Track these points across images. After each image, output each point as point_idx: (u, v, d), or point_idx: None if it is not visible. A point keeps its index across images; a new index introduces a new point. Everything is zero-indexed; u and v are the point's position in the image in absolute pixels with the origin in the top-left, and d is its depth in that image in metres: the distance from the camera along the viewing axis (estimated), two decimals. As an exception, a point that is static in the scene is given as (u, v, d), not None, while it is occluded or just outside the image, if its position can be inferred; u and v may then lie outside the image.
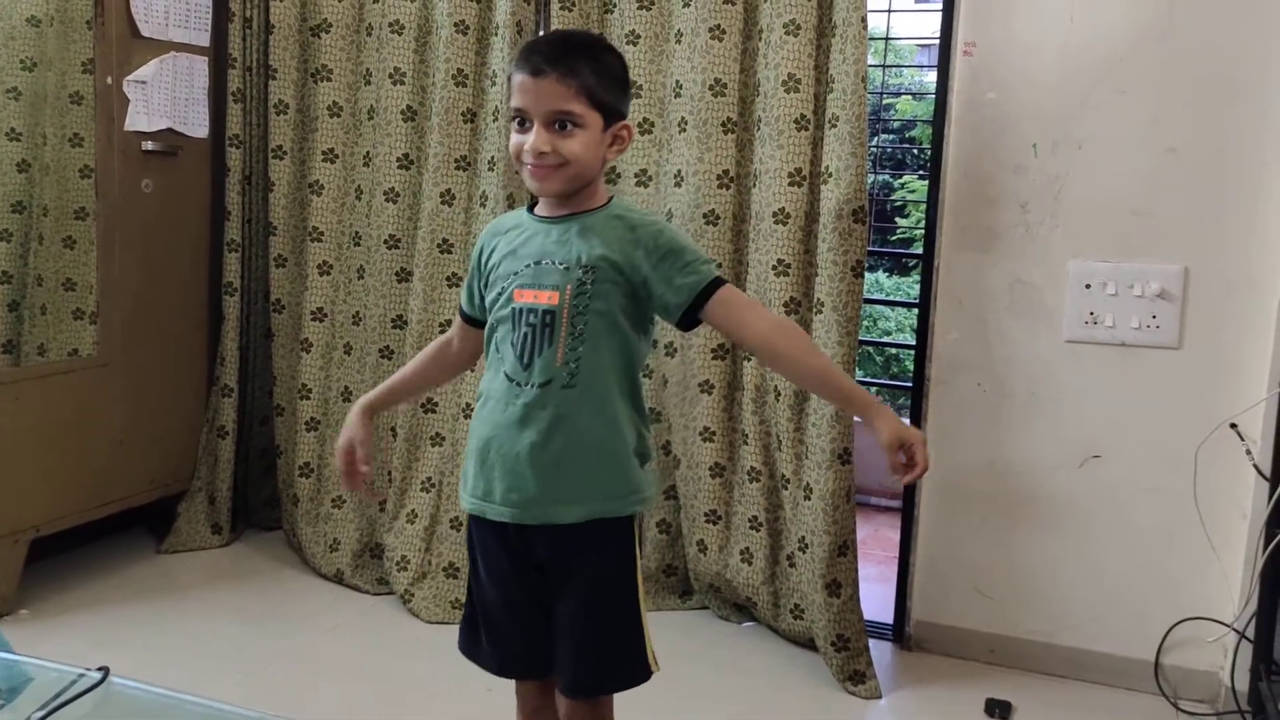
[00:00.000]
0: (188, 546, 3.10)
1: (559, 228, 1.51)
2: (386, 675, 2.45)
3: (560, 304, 1.46)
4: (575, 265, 1.47)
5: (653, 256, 1.48)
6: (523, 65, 1.46)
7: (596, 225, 1.50)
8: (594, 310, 1.47)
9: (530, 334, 1.48)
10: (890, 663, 2.60)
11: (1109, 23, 2.35)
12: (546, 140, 1.44)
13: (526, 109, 1.45)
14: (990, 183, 2.47)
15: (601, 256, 1.47)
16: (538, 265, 1.49)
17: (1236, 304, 2.32)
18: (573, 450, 1.48)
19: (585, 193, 1.52)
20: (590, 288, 1.46)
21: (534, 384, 1.48)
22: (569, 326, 1.46)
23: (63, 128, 2.86)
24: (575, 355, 1.46)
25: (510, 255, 1.53)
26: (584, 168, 1.47)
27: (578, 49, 1.49)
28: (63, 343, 2.90)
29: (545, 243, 1.50)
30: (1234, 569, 2.35)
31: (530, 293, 1.48)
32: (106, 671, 0.96)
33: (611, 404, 1.50)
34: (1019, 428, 2.51)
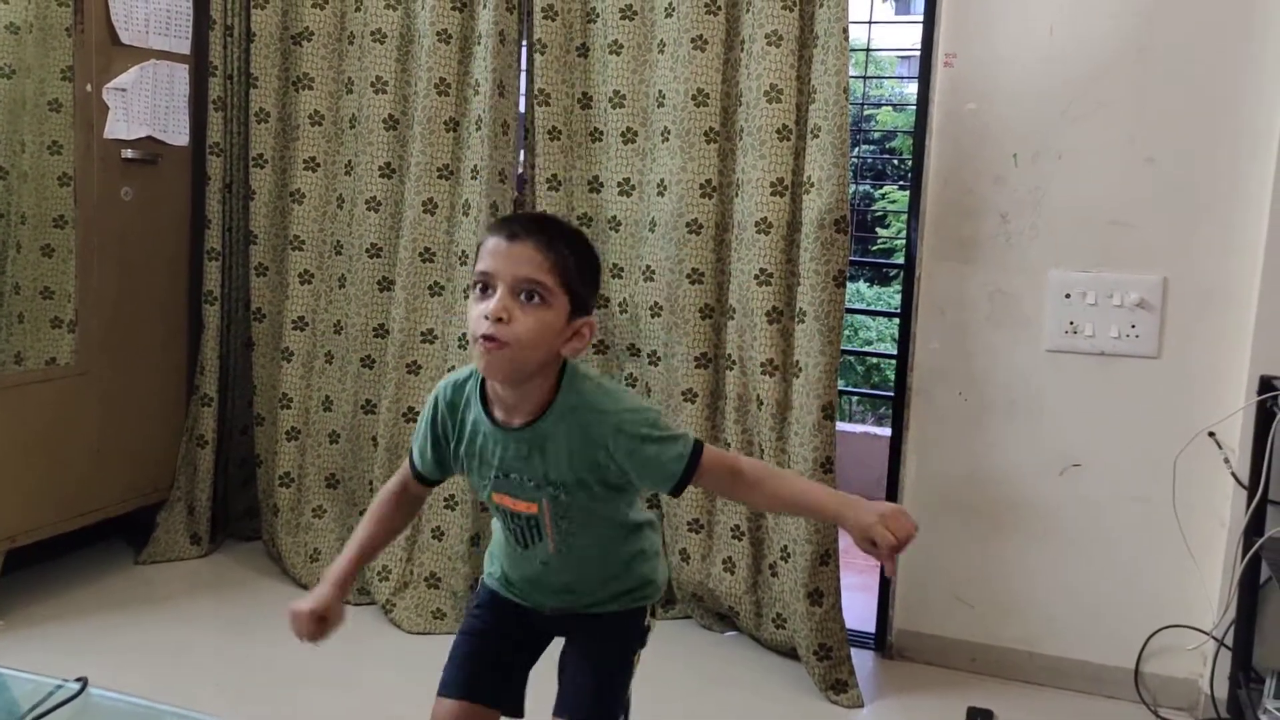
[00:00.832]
0: (166, 557, 3.07)
1: (515, 442, 1.43)
2: (367, 685, 2.44)
3: (540, 513, 1.46)
4: (544, 483, 1.43)
5: (620, 453, 1.41)
6: (498, 230, 1.39)
7: (552, 435, 1.42)
8: (575, 510, 1.46)
9: (521, 530, 1.50)
10: (872, 671, 2.61)
11: (1089, 36, 2.37)
12: (507, 308, 1.33)
13: (494, 272, 1.35)
14: (971, 193, 2.49)
15: (568, 473, 1.42)
16: (507, 478, 1.46)
17: (1214, 314, 2.34)
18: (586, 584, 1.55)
19: (534, 390, 1.42)
20: (565, 498, 1.44)
21: (536, 559, 1.52)
22: (555, 527, 1.47)
23: (41, 135, 2.84)
24: (568, 542, 1.49)
25: (475, 457, 1.48)
26: (531, 354, 1.36)
27: (560, 229, 1.43)
28: (40, 351, 2.88)
29: (506, 456, 1.45)
30: (1213, 577, 2.36)
31: (509, 500, 1.47)
32: (85, 682, 0.95)
33: (615, 546, 1.54)
34: (1000, 437, 2.52)
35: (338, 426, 3.02)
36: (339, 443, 3.03)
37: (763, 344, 2.50)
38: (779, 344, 2.51)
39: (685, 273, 2.61)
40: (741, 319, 2.56)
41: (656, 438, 1.41)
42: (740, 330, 2.57)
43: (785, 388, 2.52)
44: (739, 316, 2.57)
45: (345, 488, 3.03)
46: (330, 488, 3.04)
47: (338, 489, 3.04)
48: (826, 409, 2.41)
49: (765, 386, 2.51)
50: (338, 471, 3.04)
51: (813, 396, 2.42)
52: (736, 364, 2.59)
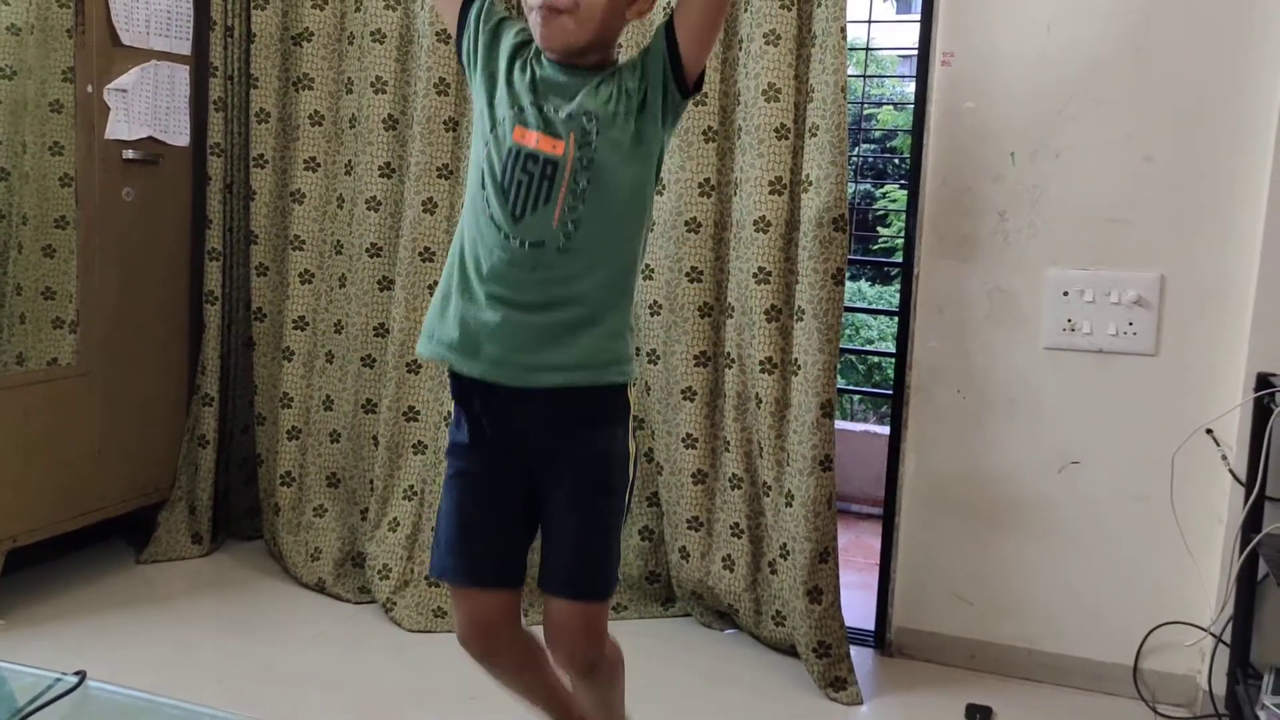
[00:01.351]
0: (168, 556, 3.08)
1: (569, 78, 1.38)
2: (368, 684, 2.45)
3: (564, 154, 1.35)
4: (580, 114, 1.35)
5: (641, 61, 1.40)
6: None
7: (603, 80, 1.39)
8: (599, 163, 1.35)
9: (527, 181, 1.35)
10: (871, 669, 2.61)
11: (1086, 34, 2.37)
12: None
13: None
14: (969, 191, 2.49)
15: (606, 103, 1.36)
16: (539, 110, 1.37)
17: (1212, 311, 2.34)
18: (562, 319, 1.38)
19: (596, 59, 1.39)
20: (596, 137, 1.34)
21: (524, 241, 1.36)
22: (571, 182, 1.34)
23: (43, 136, 2.85)
24: (574, 216, 1.35)
25: (512, 84, 1.39)
26: (594, 18, 1.32)
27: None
28: (42, 352, 2.89)
29: (554, 79, 1.38)
30: (1211, 573, 2.37)
31: (533, 135, 1.35)
32: (83, 675, 0.96)
33: (607, 277, 1.40)
34: (998, 434, 2.53)
35: (338, 426, 3.03)
36: (340, 442, 3.04)
37: (761, 342, 2.51)
38: (778, 342, 2.51)
39: (684, 271, 2.62)
40: (740, 317, 2.57)
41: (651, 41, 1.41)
42: (739, 328, 2.58)
43: (784, 385, 2.52)
44: (738, 314, 2.58)
45: (346, 487, 3.04)
46: (331, 487, 3.05)
47: (339, 488, 3.05)
48: (825, 407, 2.42)
49: (764, 384, 2.52)
50: (339, 470, 3.05)
51: (811, 394, 2.43)
52: (735, 362, 2.60)
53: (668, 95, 1.40)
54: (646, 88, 1.39)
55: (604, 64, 1.41)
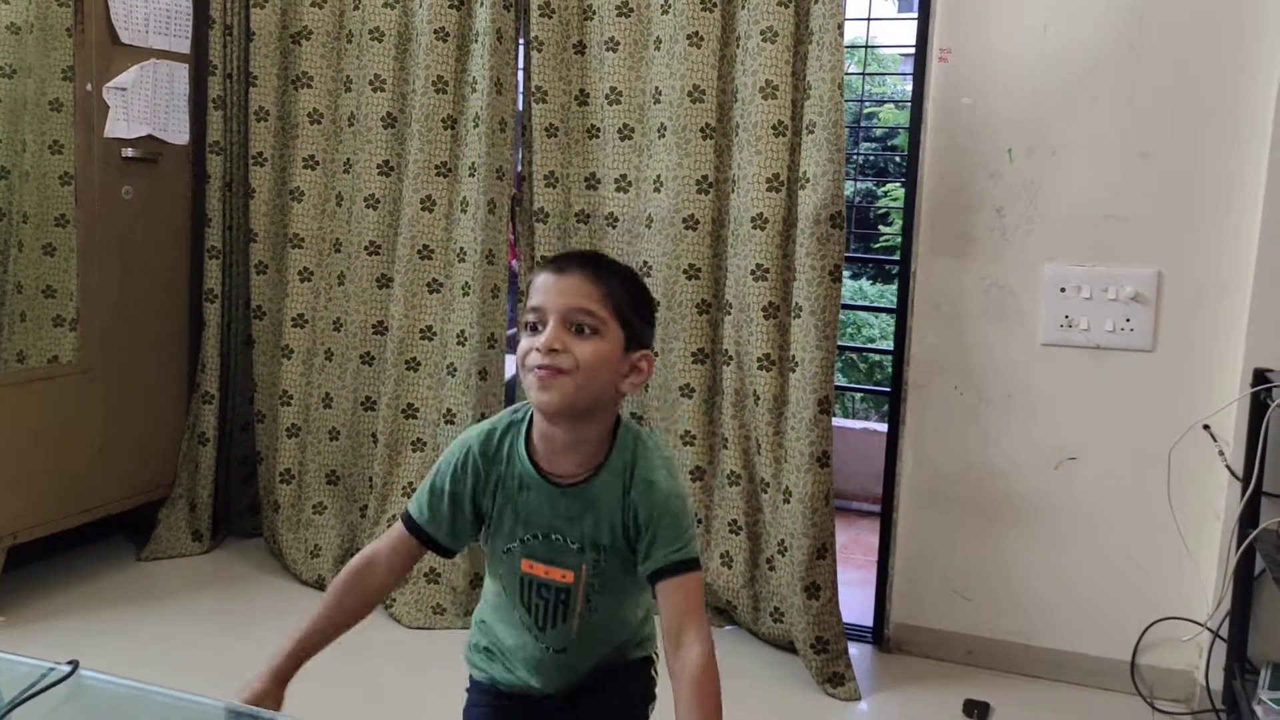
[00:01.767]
0: (168, 553, 3.09)
1: (566, 499, 1.36)
2: (367, 680, 2.45)
3: (576, 582, 1.37)
4: (589, 547, 1.36)
5: (642, 524, 1.34)
6: (545, 267, 1.35)
7: (604, 493, 1.35)
8: (608, 584, 1.38)
9: (545, 605, 1.39)
10: (870, 665, 2.62)
11: (1082, 31, 2.38)
12: (560, 337, 1.28)
13: (543, 306, 1.30)
14: (966, 188, 2.49)
15: (611, 535, 1.35)
16: (547, 540, 1.36)
17: (1208, 307, 2.35)
18: (585, 668, 1.45)
19: (592, 435, 1.36)
20: (603, 565, 1.37)
21: (550, 647, 1.42)
22: (585, 602, 1.38)
23: (42, 135, 2.86)
24: (590, 621, 1.40)
25: (510, 513, 1.38)
26: (594, 382, 1.30)
27: (608, 261, 1.40)
28: (43, 349, 2.90)
29: (554, 516, 1.36)
30: (1208, 569, 2.37)
31: (542, 567, 1.37)
32: (76, 665, 0.96)
33: (621, 628, 1.46)
34: (996, 430, 2.53)
35: (338, 423, 3.04)
36: (339, 439, 3.04)
37: (759, 339, 2.51)
38: (775, 339, 2.52)
39: (682, 268, 2.62)
40: (738, 314, 2.58)
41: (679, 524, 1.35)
42: (737, 325, 2.59)
43: (782, 382, 2.53)
44: (735, 311, 2.58)
45: (345, 484, 3.05)
46: (330, 484, 3.06)
47: (338, 485, 3.06)
48: (823, 403, 2.42)
49: (762, 381, 2.52)
50: (338, 468, 3.05)
51: (809, 391, 2.43)
52: (733, 359, 2.60)
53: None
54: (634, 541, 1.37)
55: (596, 451, 1.37)
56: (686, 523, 1.36)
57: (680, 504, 1.36)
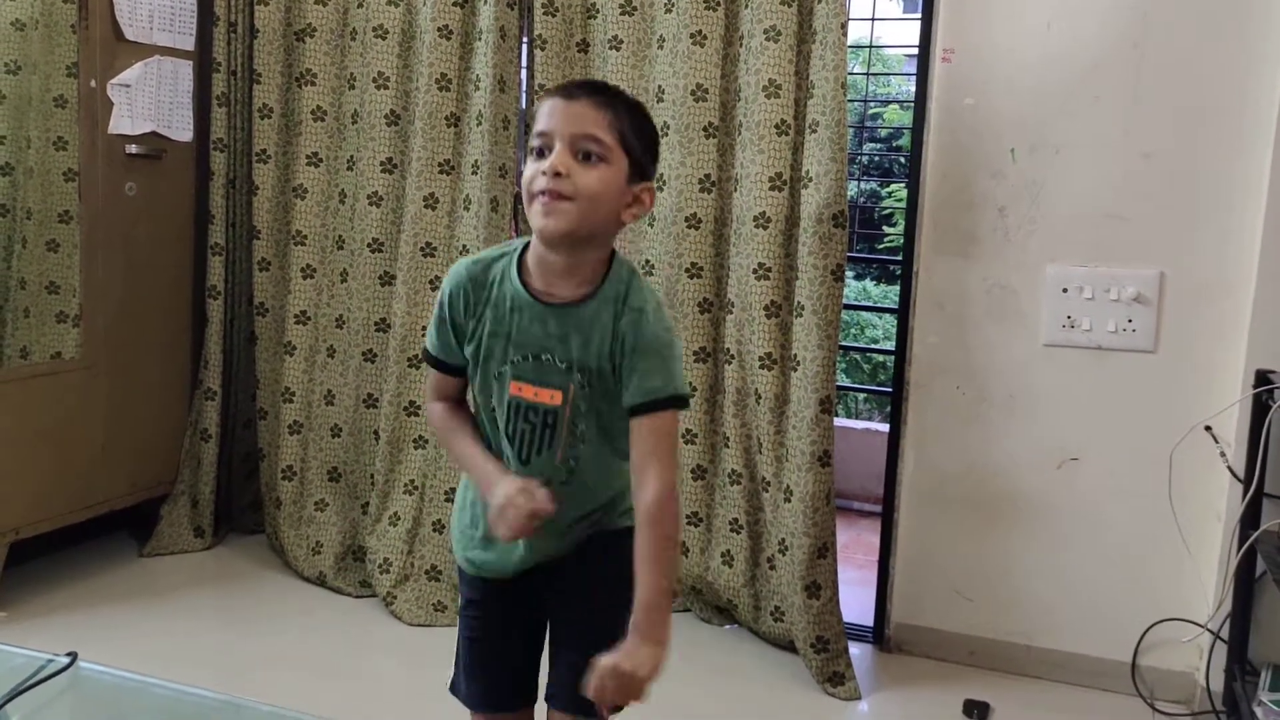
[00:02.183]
0: (170, 550, 3.10)
1: (556, 319, 1.37)
2: (368, 677, 2.46)
3: (563, 404, 1.37)
4: (576, 368, 1.37)
5: (628, 350, 1.36)
6: (554, 92, 1.36)
7: (592, 318, 1.37)
8: (594, 409, 1.39)
9: (530, 431, 1.40)
10: (870, 664, 2.62)
11: (1085, 31, 2.37)
12: (566, 161, 1.30)
13: (551, 131, 1.32)
14: (968, 187, 2.49)
15: (599, 359, 1.37)
16: (536, 360, 1.37)
17: (1211, 308, 2.34)
18: (567, 525, 1.45)
19: (588, 262, 1.37)
20: (589, 390, 1.37)
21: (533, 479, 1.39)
22: (570, 428, 1.39)
23: (47, 131, 2.86)
24: (574, 454, 1.40)
25: (501, 336, 1.39)
26: (596, 212, 1.32)
27: (618, 92, 1.39)
28: (46, 345, 2.90)
29: (544, 335, 1.37)
30: (1209, 570, 2.37)
31: (530, 389, 1.38)
32: (74, 656, 0.96)
33: (607, 481, 1.45)
34: (997, 431, 2.53)
35: (340, 420, 3.04)
36: (341, 436, 3.05)
37: (761, 338, 2.51)
38: (777, 338, 2.52)
39: (684, 267, 2.62)
40: (740, 313, 2.58)
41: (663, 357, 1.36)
42: (739, 324, 2.59)
43: (784, 381, 2.53)
44: (738, 311, 2.58)
45: (347, 481, 3.05)
46: (332, 481, 3.06)
47: (340, 482, 3.06)
48: (824, 403, 2.42)
49: (764, 380, 2.52)
50: (340, 465, 3.06)
51: (811, 390, 2.43)
52: (735, 358, 2.61)
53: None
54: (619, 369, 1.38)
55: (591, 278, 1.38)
56: (669, 355, 1.37)
57: (666, 336, 1.38)
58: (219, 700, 0.96)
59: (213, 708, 1.00)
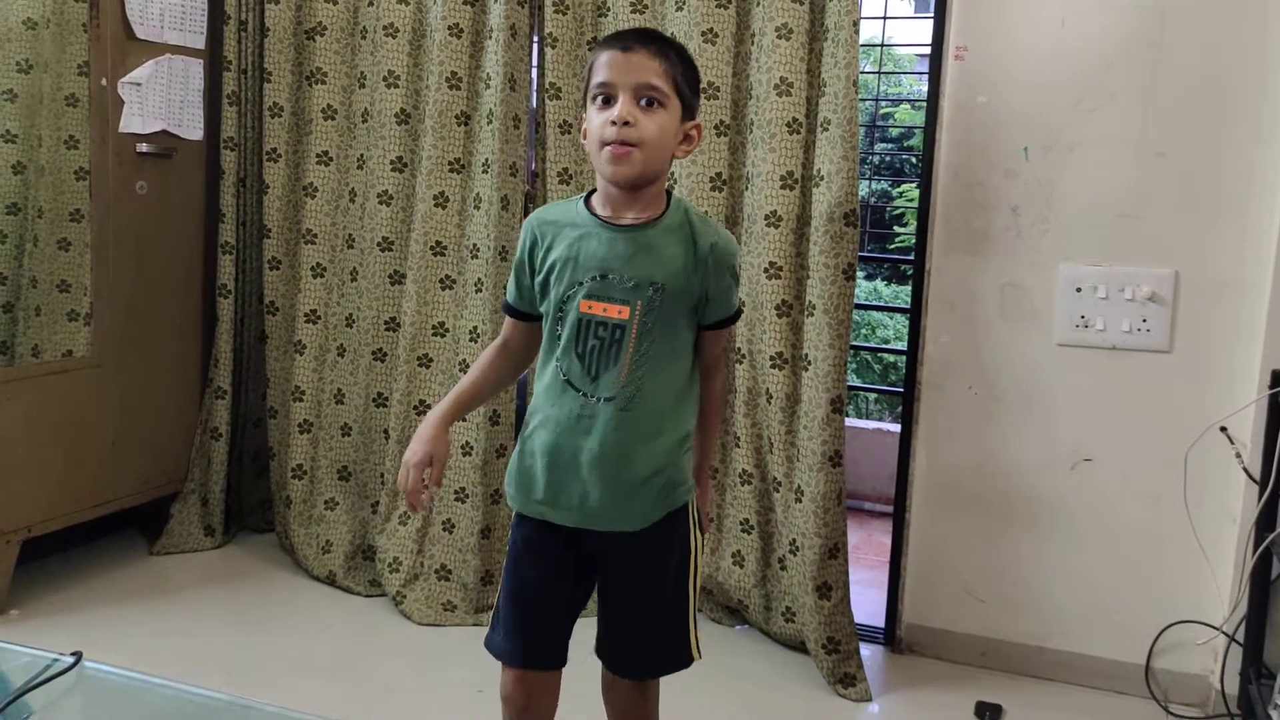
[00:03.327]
0: (180, 548, 3.10)
1: (624, 239, 1.49)
2: (378, 676, 2.45)
3: (630, 319, 1.47)
4: (645, 284, 1.47)
5: (712, 268, 1.51)
6: (611, 44, 1.48)
7: (661, 240, 1.50)
8: (661, 329, 1.48)
9: (599, 346, 1.49)
10: (881, 666, 2.60)
11: (1100, 28, 2.36)
12: (633, 111, 1.43)
13: (614, 82, 1.45)
14: (981, 186, 2.48)
15: (670, 276, 1.48)
16: (604, 279, 1.48)
17: (1226, 308, 2.32)
18: (634, 465, 1.51)
19: (650, 196, 1.51)
20: (659, 307, 1.47)
21: (600, 398, 1.49)
22: (636, 344, 1.47)
23: (58, 130, 2.87)
24: (638, 376, 1.48)
25: (571, 260, 1.50)
26: (657, 154, 1.46)
27: (665, 38, 1.53)
28: (57, 344, 2.91)
29: (610, 254, 1.49)
30: (1224, 572, 2.35)
31: (600, 305, 1.48)
32: (79, 656, 0.96)
33: (673, 418, 1.54)
34: (1010, 431, 2.51)
35: (350, 419, 3.04)
36: (351, 435, 3.04)
37: (772, 337, 2.50)
38: (788, 337, 2.51)
39: (695, 266, 2.61)
40: (751, 312, 2.56)
41: (735, 278, 1.56)
42: (750, 323, 2.57)
43: (794, 381, 2.52)
44: (748, 310, 2.57)
45: (357, 480, 3.05)
46: (342, 480, 3.06)
47: (349, 481, 3.06)
48: (835, 402, 2.41)
49: (775, 380, 2.51)
50: (350, 464, 3.06)
51: (822, 390, 2.42)
52: (746, 357, 2.59)
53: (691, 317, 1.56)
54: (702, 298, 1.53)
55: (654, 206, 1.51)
56: (736, 282, 1.56)
57: (737, 262, 1.57)
58: (223, 700, 0.95)
59: (216, 708, 0.99)
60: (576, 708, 1.79)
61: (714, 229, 1.54)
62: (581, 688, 1.78)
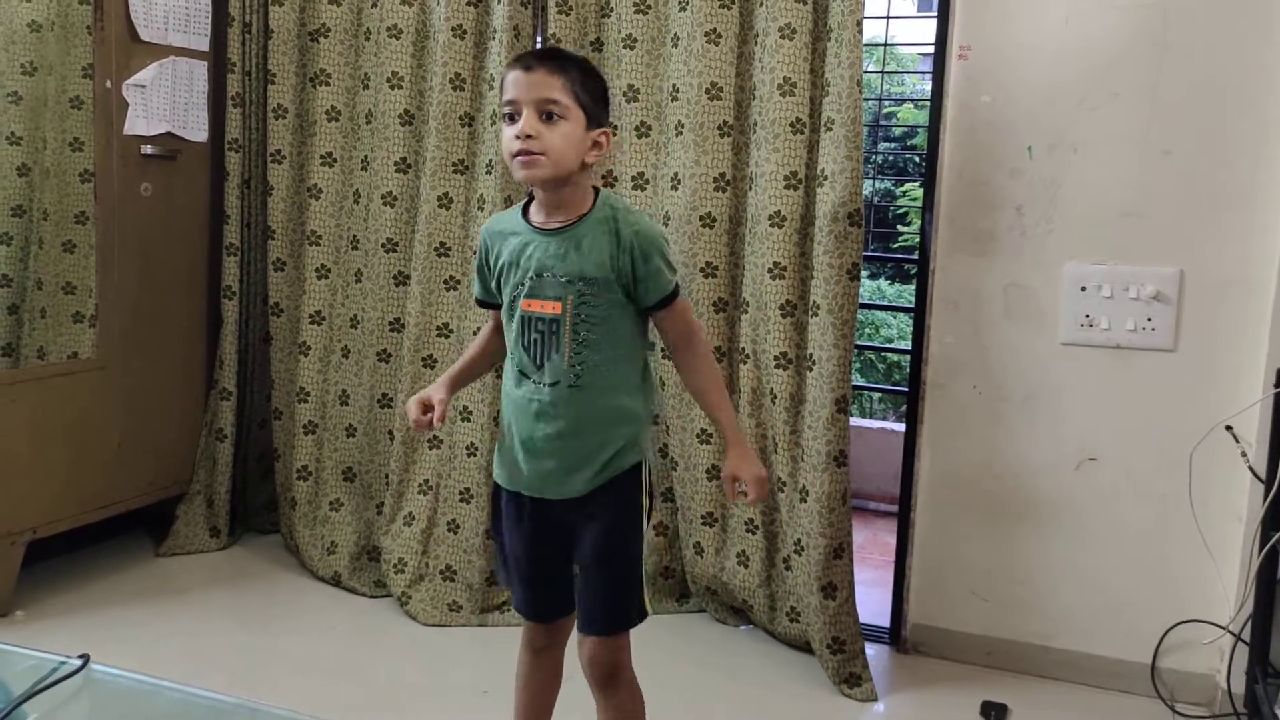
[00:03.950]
0: (186, 549, 3.10)
1: (555, 240, 1.65)
2: (383, 677, 2.46)
3: (563, 313, 1.64)
4: (575, 278, 1.63)
5: (637, 254, 1.64)
6: (515, 64, 1.63)
7: (588, 235, 1.64)
8: (594, 316, 1.64)
9: (540, 340, 1.66)
10: (886, 666, 2.60)
11: (1104, 26, 2.35)
12: (534, 125, 1.58)
13: (518, 99, 1.59)
14: (985, 186, 2.47)
15: (596, 267, 1.63)
16: (539, 278, 1.65)
17: (1231, 306, 2.32)
18: (582, 437, 1.67)
19: (573, 196, 1.66)
20: (589, 297, 1.63)
21: (545, 383, 1.66)
22: (572, 333, 1.63)
23: (63, 132, 2.88)
24: (580, 358, 1.64)
25: (513, 265, 1.68)
26: (564, 159, 1.60)
27: (565, 55, 1.66)
28: (62, 346, 2.91)
29: (544, 256, 1.65)
30: (1230, 572, 2.34)
31: (536, 303, 1.65)
32: (86, 659, 0.96)
33: (615, 394, 1.68)
34: (1015, 430, 2.51)
35: (354, 420, 3.04)
36: (356, 436, 3.05)
37: (776, 337, 2.50)
38: (792, 337, 2.50)
39: (699, 266, 2.61)
40: (755, 312, 2.56)
41: (663, 259, 1.67)
42: (754, 324, 2.57)
43: (799, 381, 2.51)
44: (753, 310, 2.57)
45: (362, 481, 3.06)
46: (347, 481, 3.06)
47: (354, 482, 3.06)
48: (840, 402, 2.41)
49: (779, 380, 2.51)
50: (354, 465, 3.06)
51: (826, 390, 2.42)
52: (750, 357, 2.59)
53: (628, 300, 1.69)
54: (632, 285, 1.66)
55: (581, 206, 1.66)
56: (666, 256, 1.67)
57: (664, 244, 1.68)
58: (230, 703, 0.95)
59: (224, 710, 0.99)
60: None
61: (637, 218, 1.67)
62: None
